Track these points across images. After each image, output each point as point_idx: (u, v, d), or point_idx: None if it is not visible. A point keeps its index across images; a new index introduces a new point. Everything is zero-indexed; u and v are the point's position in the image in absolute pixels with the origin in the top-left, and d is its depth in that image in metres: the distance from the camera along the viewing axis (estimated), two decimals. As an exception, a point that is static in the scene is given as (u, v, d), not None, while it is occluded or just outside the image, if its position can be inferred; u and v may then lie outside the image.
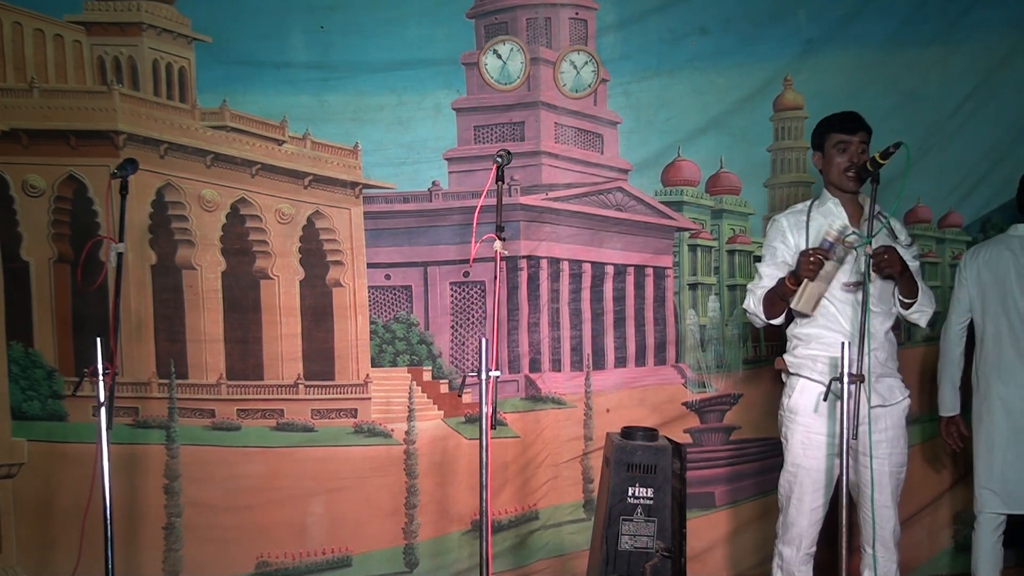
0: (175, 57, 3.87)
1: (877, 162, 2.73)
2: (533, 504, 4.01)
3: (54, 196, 3.86)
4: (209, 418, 3.92)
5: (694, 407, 4.09)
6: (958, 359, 3.48)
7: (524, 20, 4.00)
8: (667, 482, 3.02)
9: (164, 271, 3.90)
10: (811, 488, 2.97)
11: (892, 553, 2.98)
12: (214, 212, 3.92)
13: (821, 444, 2.95)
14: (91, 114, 3.81)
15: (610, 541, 3.02)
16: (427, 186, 3.96)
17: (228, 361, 3.93)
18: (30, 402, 3.86)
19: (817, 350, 2.97)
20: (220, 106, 3.87)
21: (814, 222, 3.01)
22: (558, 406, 4.03)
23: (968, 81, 3.94)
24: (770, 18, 3.96)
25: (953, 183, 4.01)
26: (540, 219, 4.01)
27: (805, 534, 3.00)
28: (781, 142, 4.08)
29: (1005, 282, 3.33)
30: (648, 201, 4.08)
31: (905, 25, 3.93)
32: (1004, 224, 3.56)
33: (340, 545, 3.93)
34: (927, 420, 3.87)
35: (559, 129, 4.04)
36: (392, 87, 3.87)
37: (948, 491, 4.03)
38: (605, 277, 4.09)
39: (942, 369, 3.51)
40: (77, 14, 3.84)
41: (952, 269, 4.02)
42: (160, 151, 3.84)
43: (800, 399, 3.00)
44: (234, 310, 3.94)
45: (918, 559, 3.95)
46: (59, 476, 3.81)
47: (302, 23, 3.85)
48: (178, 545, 3.87)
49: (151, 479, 3.87)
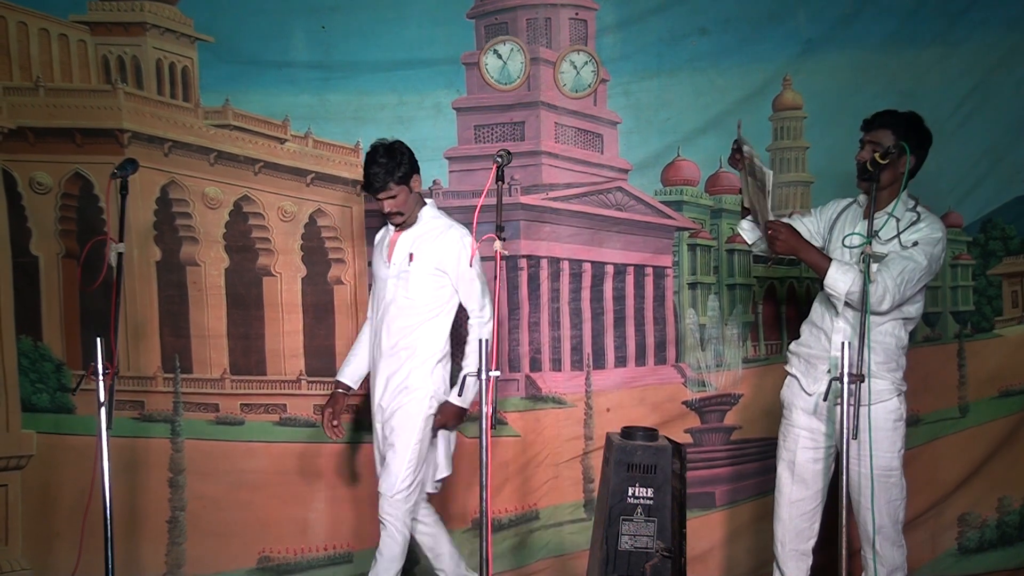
0: (178, 56, 3.83)
1: (877, 162, 2.66)
2: (533, 503, 3.95)
3: (61, 193, 3.82)
4: (213, 412, 3.89)
5: (694, 406, 4.02)
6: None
7: (524, 20, 3.94)
8: (667, 482, 2.94)
9: (168, 267, 3.87)
10: (789, 480, 2.98)
11: (880, 556, 2.87)
12: (217, 209, 3.89)
13: (797, 436, 2.97)
14: (96, 112, 3.78)
15: (610, 541, 2.94)
16: (428, 185, 3.88)
17: (231, 356, 3.89)
18: (39, 395, 3.83)
19: (796, 347, 3.05)
20: (223, 105, 3.84)
21: (845, 214, 2.99)
22: (558, 405, 3.97)
23: (967, 81, 3.85)
24: (769, 18, 3.89)
25: (952, 183, 3.91)
26: (540, 219, 3.95)
27: (788, 527, 2.98)
28: (780, 142, 4.01)
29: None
30: (648, 201, 4.01)
31: (904, 25, 3.84)
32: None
33: (341, 541, 3.88)
34: (929, 421, 3.82)
35: (559, 129, 3.97)
36: (393, 87, 3.83)
37: (952, 494, 3.94)
38: (605, 276, 4.02)
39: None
40: (81, 14, 3.80)
41: (951, 269, 3.96)
42: (164, 149, 3.81)
43: (784, 392, 3.07)
44: (237, 306, 3.90)
45: (921, 560, 3.85)
46: (66, 468, 3.77)
47: (304, 23, 3.81)
48: (181, 539, 3.83)
49: (155, 473, 3.83)
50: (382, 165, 2.99)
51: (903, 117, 2.85)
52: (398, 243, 3.14)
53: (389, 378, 3.13)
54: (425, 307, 3.10)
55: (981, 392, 3.98)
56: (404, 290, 3.09)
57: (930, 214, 2.87)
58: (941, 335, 4.02)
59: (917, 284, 2.79)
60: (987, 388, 3.98)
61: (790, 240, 2.83)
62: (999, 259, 4.01)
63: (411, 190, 3.08)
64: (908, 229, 2.81)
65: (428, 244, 3.09)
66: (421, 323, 3.10)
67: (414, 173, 3.08)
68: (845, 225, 2.96)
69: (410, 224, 3.14)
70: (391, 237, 3.17)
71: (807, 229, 3.04)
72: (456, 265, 3.07)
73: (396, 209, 3.06)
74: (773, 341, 4.03)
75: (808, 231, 3.03)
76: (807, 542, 3.01)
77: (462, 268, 3.05)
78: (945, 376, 3.99)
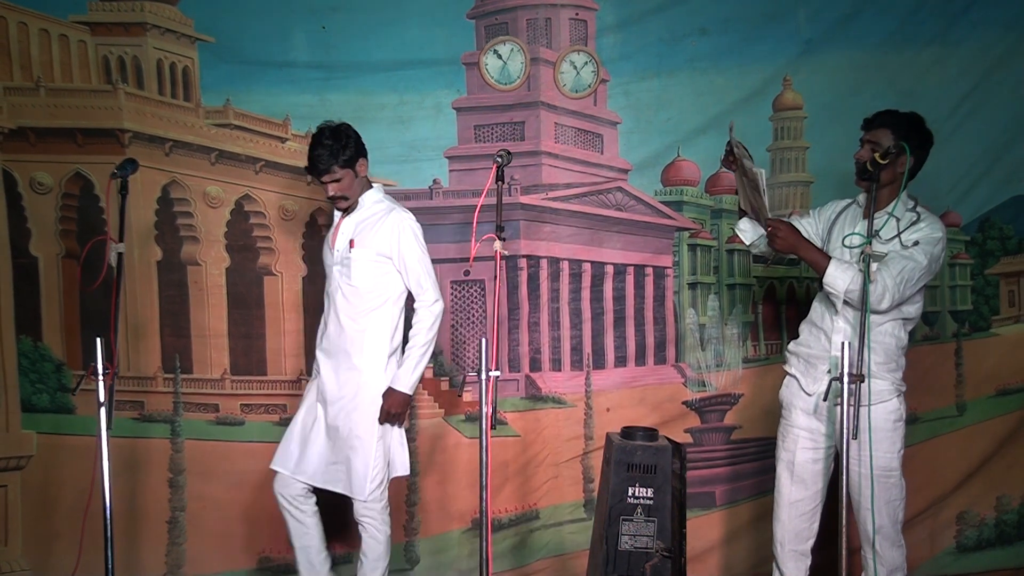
0: (179, 57, 3.81)
1: (876, 162, 2.64)
2: (533, 503, 3.93)
3: (61, 193, 3.80)
4: (213, 412, 3.86)
5: (694, 406, 4.00)
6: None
7: (524, 21, 3.92)
8: (667, 482, 2.93)
9: (169, 267, 3.84)
10: (788, 480, 2.97)
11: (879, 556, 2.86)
12: (218, 209, 3.87)
13: (797, 436, 2.95)
14: (97, 112, 3.76)
15: (610, 541, 2.93)
16: (428, 184, 3.89)
17: (232, 356, 3.87)
18: (39, 395, 3.81)
19: (795, 347, 3.03)
20: (224, 105, 3.82)
21: (845, 215, 2.96)
22: (558, 405, 3.96)
23: (966, 81, 3.84)
24: (769, 18, 3.87)
25: (951, 183, 3.90)
26: (540, 219, 3.93)
27: (787, 527, 2.96)
28: (780, 142, 4.00)
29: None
30: (648, 201, 4.00)
31: (903, 25, 3.83)
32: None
33: (341, 542, 3.81)
34: (927, 420, 3.81)
35: (559, 129, 3.96)
36: (393, 86, 3.81)
37: (951, 492, 3.93)
38: (605, 276, 4.01)
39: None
40: (82, 14, 3.77)
41: (950, 269, 3.95)
42: (165, 149, 3.80)
43: (784, 392, 3.06)
44: (238, 306, 3.88)
45: (920, 559, 3.84)
46: (65, 469, 3.74)
47: (304, 23, 3.79)
48: (181, 539, 3.81)
49: (155, 473, 3.81)
50: (327, 147, 2.92)
51: (903, 117, 2.84)
52: (341, 229, 3.07)
53: (338, 371, 3.05)
54: (370, 294, 3.02)
55: (978, 391, 3.98)
56: (347, 277, 3.02)
57: (930, 214, 2.86)
58: (939, 334, 4.01)
59: (917, 284, 2.78)
60: (984, 387, 3.99)
61: (790, 238, 2.82)
62: (997, 258, 4.00)
63: (357, 174, 3.00)
64: (908, 229, 2.79)
65: (369, 229, 3.02)
66: (368, 311, 3.03)
67: (360, 157, 3.01)
68: (845, 225, 2.95)
69: (354, 209, 3.07)
70: (336, 222, 3.11)
71: (806, 230, 3.03)
72: (398, 249, 3.00)
73: (340, 193, 2.98)
74: (773, 341, 4.02)
75: (807, 232, 3.01)
76: (806, 542, 3.00)
77: (404, 251, 3.00)
78: (943, 375, 3.99)
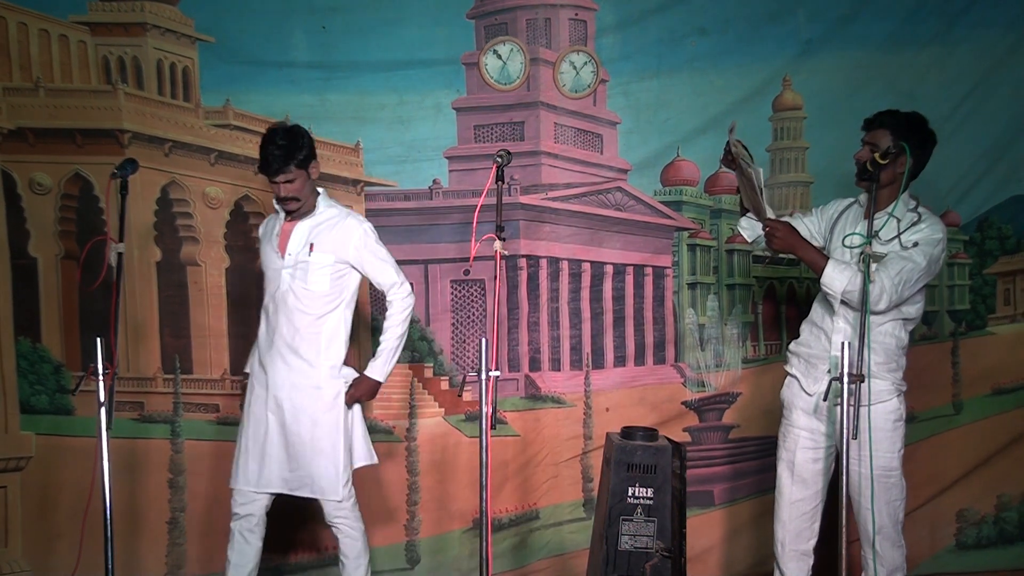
0: (179, 57, 3.80)
1: (876, 162, 2.63)
2: (533, 503, 3.93)
3: (60, 194, 3.78)
4: (213, 413, 3.84)
5: (693, 406, 4.00)
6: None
7: (524, 21, 3.92)
8: (667, 482, 2.93)
9: (169, 267, 3.83)
10: (789, 480, 2.96)
11: (879, 556, 2.85)
12: (218, 209, 3.86)
13: (797, 436, 2.95)
14: (96, 113, 3.74)
15: (610, 541, 2.92)
16: (428, 184, 3.89)
17: (232, 356, 3.85)
18: (38, 396, 3.79)
19: (796, 347, 3.03)
20: (223, 105, 3.80)
21: (846, 214, 2.96)
22: (558, 405, 3.95)
23: (966, 81, 3.84)
24: (769, 19, 3.87)
25: (951, 182, 3.90)
26: (540, 219, 3.93)
27: (788, 528, 2.96)
28: (780, 142, 3.99)
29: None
30: (647, 201, 3.99)
31: (903, 25, 3.83)
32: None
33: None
34: (924, 419, 3.81)
35: (559, 129, 3.95)
36: (393, 87, 3.80)
37: (948, 490, 3.94)
38: (604, 276, 4.00)
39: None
40: (82, 15, 3.75)
41: (948, 268, 3.95)
42: (165, 149, 3.78)
43: (784, 392, 3.05)
44: (238, 306, 3.86)
45: (920, 556, 3.84)
46: (65, 470, 3.73)
47: (304, 23, 3.78)
48: (181, 540, 3.79)
49: (155, 474, 3.79)
50: (282, 147, 2.88)
51: (904, 118, 2.82)
52: (294, 232, 3.02)
53: (291, 373, 3.01)
54: (325, 297, 3.00)
55: (974, 390, 3.99)
56: (302, 281, 2.98)
57: (931, 215, 2.85)
58: (938, 333, 4.02)
59: (916, 284, 2.77)
60: (980, 386, 3.99)
61: (788, 238, 2.82)
62: (995, 258, 4.01)
63: (309, 176, 2.98)
64: (909, 229, 2.78)
65: (326, 234, 3.00)
66: (325, 314, 3.01)
67: (313, 159, 2.99)
68: (846, 225, 2.94)
69: (306, 213, 3.03)
70: (283, 226, 3.06)
71: (807, 228, 3.03)
72: (359, 251, 2.99)
73: (292, 194, 2.94)
74: (773, 341, 4.02)
75: (808, 231, 3.01)
76: (807, 542, 2.99)
77: (367, 251, 2.99)
78: (939, 374, 3.99)
